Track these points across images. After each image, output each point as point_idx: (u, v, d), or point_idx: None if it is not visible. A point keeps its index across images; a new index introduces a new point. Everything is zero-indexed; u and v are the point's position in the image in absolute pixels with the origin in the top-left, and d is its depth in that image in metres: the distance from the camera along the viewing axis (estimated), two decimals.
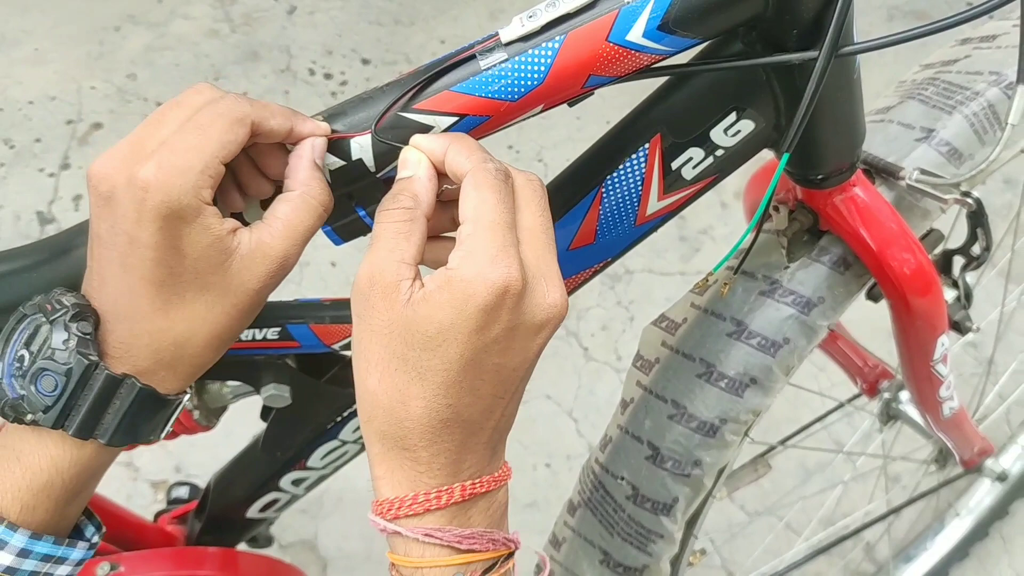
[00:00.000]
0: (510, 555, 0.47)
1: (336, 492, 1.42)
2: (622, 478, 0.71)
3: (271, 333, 0.70)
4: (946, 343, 0.73)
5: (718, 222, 1.76)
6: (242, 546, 0.96)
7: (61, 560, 0.47)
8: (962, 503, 1.32)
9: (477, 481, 0.46)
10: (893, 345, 0.77)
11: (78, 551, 0.48)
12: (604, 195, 0.58)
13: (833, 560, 1.33)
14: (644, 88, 0.57)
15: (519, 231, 0.44)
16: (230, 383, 0.78)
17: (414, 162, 0.46)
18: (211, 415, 0.79)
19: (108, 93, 1.97)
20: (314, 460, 0.81)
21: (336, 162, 0.49)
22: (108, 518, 0.88)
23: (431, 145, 0.47)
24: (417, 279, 0.44)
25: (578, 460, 1.47)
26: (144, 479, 1.45)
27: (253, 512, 0.87)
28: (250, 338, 0.70)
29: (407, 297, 0.43)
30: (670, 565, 0.75)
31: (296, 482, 0.84)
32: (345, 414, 0.78)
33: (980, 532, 1.33)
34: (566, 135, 1.87)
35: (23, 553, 0.45)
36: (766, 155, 0.61)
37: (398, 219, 0.44)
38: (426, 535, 0.44)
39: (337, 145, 0.49)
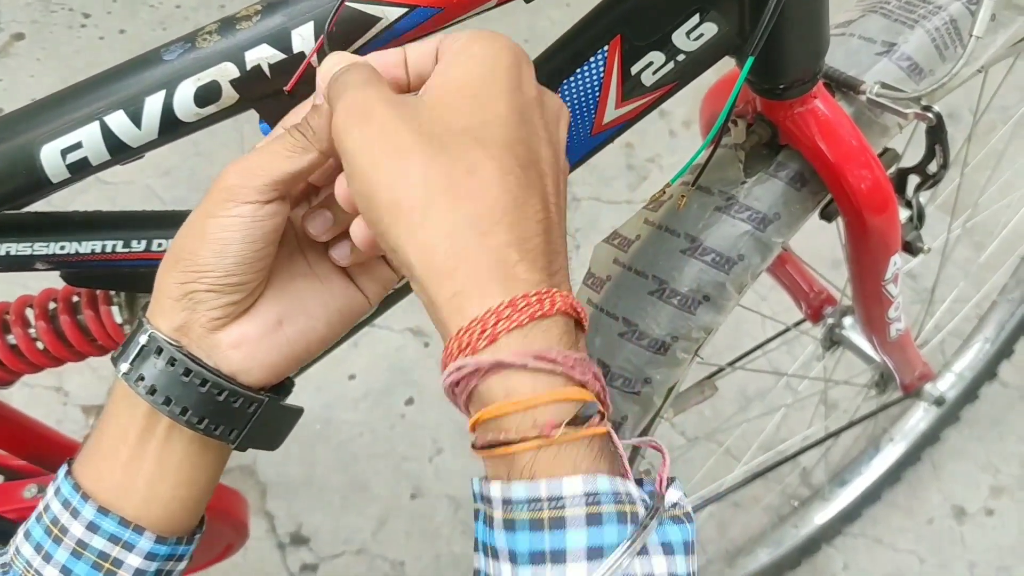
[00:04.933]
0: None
1: None
2: None
3: None
4: (898, 263, 0.73)
5: (666, 151, 1.74)
6: None
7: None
8: (897, 428, 1.36)
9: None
10: (834, 276, 0.76)
11: None
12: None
13: (770, 484, 1.35)
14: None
15: None
16: None
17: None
18: None
19: (30, 1, 1.86)
20: None
21: (276, 55, 0.46)
22: (38, 440, 0.85)
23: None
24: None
25: None
26: (74, 404, 1.41)
27: None
28: None
29: None
30: None
31: None
32: None
33: (912, 457, 1.37)
34: None
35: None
36: (720, 71, 0.59)
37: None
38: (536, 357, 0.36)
39: (277, 36, 0.46)
